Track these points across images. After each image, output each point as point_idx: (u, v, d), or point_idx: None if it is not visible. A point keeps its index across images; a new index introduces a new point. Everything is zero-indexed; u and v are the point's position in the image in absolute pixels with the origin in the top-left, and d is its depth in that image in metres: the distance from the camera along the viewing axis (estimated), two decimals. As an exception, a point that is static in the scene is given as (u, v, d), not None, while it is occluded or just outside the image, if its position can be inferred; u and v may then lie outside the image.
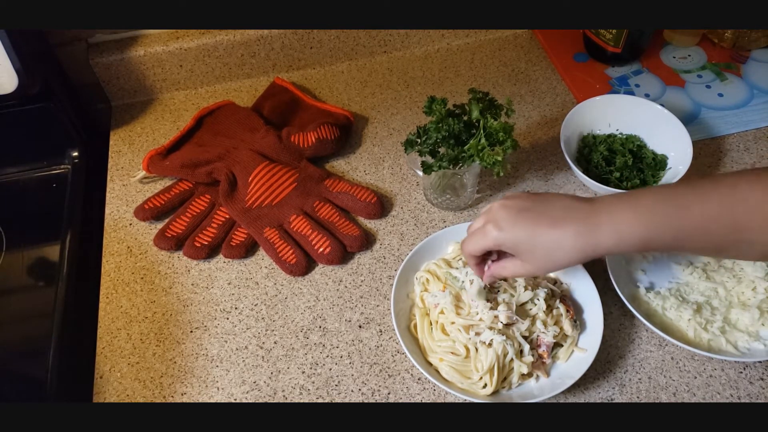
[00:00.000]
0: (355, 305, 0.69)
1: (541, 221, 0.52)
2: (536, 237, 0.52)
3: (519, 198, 0.55)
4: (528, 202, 0.54)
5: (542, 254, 0.53)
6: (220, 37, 0.88)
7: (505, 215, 0.54)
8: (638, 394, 0.62)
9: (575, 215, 0.52)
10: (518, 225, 0.53)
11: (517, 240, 0.53)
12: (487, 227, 0.55)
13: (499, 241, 0.54)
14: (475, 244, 0.56)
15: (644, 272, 0.70)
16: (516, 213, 0.54)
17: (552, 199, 0.54)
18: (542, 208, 0.53)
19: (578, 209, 0.52)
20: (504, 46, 0.98)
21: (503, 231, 0.53)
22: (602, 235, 0.51)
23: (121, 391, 0.64)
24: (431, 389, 0.63)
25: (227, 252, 0.73)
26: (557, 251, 0.52)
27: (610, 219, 0.51)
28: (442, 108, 0.68)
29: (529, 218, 0.53)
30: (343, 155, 0.84)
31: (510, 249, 0.55)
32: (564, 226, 0.52)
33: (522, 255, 0.54)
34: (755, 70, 0.92)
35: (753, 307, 0.64)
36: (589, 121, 0.82)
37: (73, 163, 0.82)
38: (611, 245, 0.51)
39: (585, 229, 0.51)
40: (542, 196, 0.55)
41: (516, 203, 0.54)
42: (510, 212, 0.54)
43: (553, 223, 0.52)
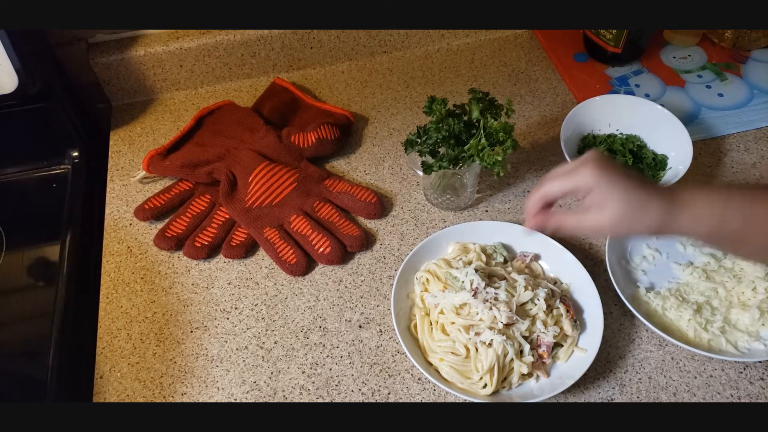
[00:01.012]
0: (355, 305, 0.69)
1: (632, 180, 0.54)
2: (629, 192, 0.53)
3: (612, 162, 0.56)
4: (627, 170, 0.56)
5: (630, 209, 0.53)
6: (220, 37, 0.88)
7: (604, 164, 0.54)
8: (638, 394, 0.62)
9: (661, 190, 0.54)
10: (617, 175, 0.54)
11: (611, 188, 0.53)
12: (585, 168, 0.54)
13: (595, 180, 0.54)
14: (560, 184, 0.56)
15: (644, 272, 0.70)
16: (611, 164, 0.55)
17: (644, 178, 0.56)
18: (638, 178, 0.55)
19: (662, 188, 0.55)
20: (504, 46, 0.98)
21: (602, 171, 0.53)
22: (680, 214, 0.53)
23: (121, 391, 0.64)
24: (431, 389, 0.63)
25: (227, 252, 0.73)
26: (643, 211, 0.53)
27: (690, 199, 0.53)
28: (442, 108, 0.68)
29: (624, 175, 0.54)
30: (343, 155, 0.84)
31: (599, 195, 0.54)
32: (652, 192, 0.54)
33: (607, 205, 0.54)
34: (755, 70, 0.92)
35: (753, 307, 0.64)
36: (589, 121, 0.82)
37: (73, 163, 0.82)
38: (685, 226, 0.53)
39: (669, 202, 0.53)
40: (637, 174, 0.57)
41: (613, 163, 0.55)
42: (608, 162, 0.55)
43: (645, 187, 0.54)
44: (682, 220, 0.53)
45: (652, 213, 0.53)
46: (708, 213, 0.53)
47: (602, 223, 0.54)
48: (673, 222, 0.53)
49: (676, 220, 0.53)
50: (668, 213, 0.53)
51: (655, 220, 0.53)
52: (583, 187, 0.55)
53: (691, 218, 0.53)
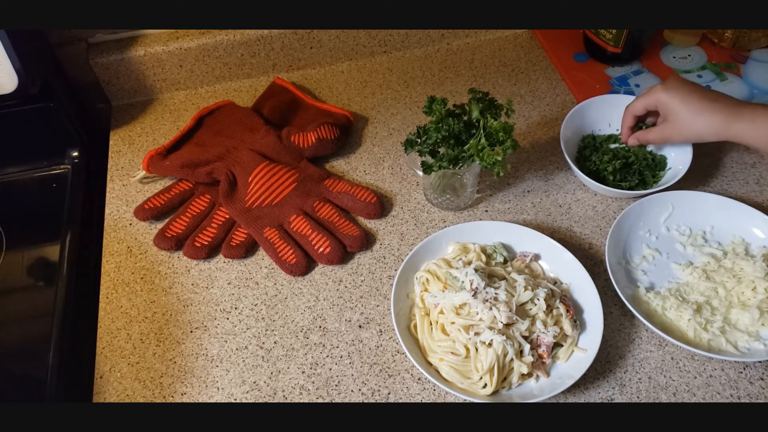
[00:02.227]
0: (355, 305, 0.69)
1: (700, 95, 0.67)
2: (690, 103, 0.66)
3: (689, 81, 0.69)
4: (696, 84, 0.68)
5: (687, 118, 0.67)
6: (220, 37, 0.88)
7: (676, 83, 0.68)
8: (638, 394, 0.62)
9: (727, 102, 0.66)
10: (681, 91, 0.67)
11: (674, 100, 0.67)
12: (655, 87, 0.69)
13: (660, 98, 0.68)
14: (639, 102, 0.71)
15: (644, 272, 0.70)
16: (684, 84, 0.68)
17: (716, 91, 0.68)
18: (706, 90, 0.68)
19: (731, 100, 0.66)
20: (504, 46, 0.98)
21: (667, 91, 0.68)
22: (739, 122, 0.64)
23: (121, 391, 0.64)
24: (431, 389, 0.63)
25: (227, 252, 0.73)
26: (700, 119, 0.66)
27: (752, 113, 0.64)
28: (442, 108, 0.68)
29: (692, 90, 0.67)
30: (343, 155, 0.84)
31: (664, 107, 0.69)
32: (715, 103, 0.66)
33: (671, 116, 0.68)
34: (755, 70, 0.92)
35: (753, 307, 0.64)
36: (589, 121, 0.82)
37: (73, 163, 0.82)
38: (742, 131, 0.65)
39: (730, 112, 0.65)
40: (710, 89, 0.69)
41: (687, 81, 0.69)
42: (680, 82, 0.68)
43: (708, 99, 0.66)
44: (739, 126, 0.64)
45: (710, 122, 0.65)
46: (764, 126, 0.63)
47: (671, 131, 0.69)
48: (730, 128, 0.65)
49: (733, 126, 0.64)
50: (726, 120, 0.65)
51: (714, 126, 0.65)
52: (654, 102, 0.69)
53: (753, 127, 0.64)
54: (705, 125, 0.66)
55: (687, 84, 0.68)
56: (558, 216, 0.76)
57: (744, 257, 0.69)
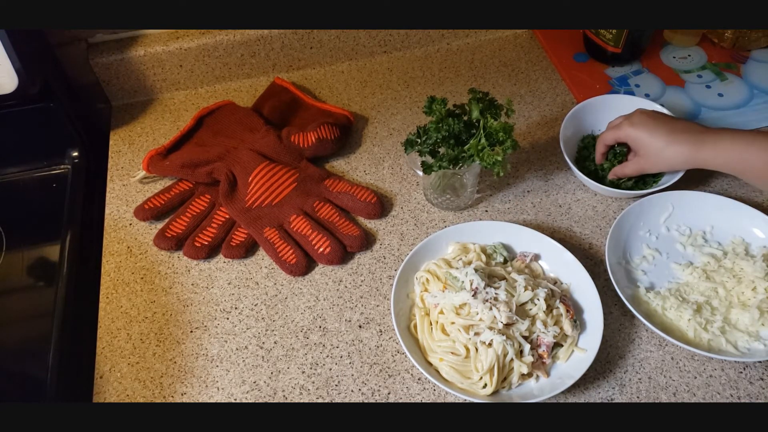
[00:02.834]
0: (355, 305, 0.69)
1: (665, 128, 0.69)
2: (656, 137, 0.69)
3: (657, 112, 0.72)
4: (662, 116, 0.72)
5: (656, 152, 0.69)
6: (220, 37, 0.88)
7: (642, 119, 0.71)
8: (638, 394, 0.62)
9: (691, 131, 0.69)
10: (647, 126, 0.70)
11: (641, 136, 0.70)
12: (623, 123, 0.72)
13: (628, 133, 0.71)
14: (610, 134, 0.74)
15: (644, 272, 0.70)
16: (650, 119, 0.71)
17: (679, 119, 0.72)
18: (671, 121, 0.71)
19: (695, 129, 0.69)
20: (504, 46, 0.98)
21: (634, 127, 0.71)
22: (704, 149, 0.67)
23: (121, 391, 0.64)
24: (431, 389, 0.63)
25: (227, 252, 0.73)
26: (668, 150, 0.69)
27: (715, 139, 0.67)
28: (442, 108, 0.68)
29: (657, 124, 0.70)
30: (343, 155, 0.84)
31: (634, 142, 0.71)
32: (680, 135, 0.69)
33: (640, 150, 0.71)
34: (755, 70, 0.92)
35: (753, 307, 0.64)
36: (589, 121, 0.82)
37: (73, 163, 0.82)
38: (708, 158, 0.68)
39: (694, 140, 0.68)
40: (673, 117, 0.73)
41: (653, 114, 0.72)
42: (645, 117, 0.71)
43: (673, 131, 0.69)
44: (706, 154, 0.67)
45: (678, 151, 0.68)
46: (730, 151, 0.66)
47: (645, 164, 0.71)
48: (697, 156, 0.68)
49: (699, 154, 0.67)
50: (692, 149, 0.68)
51: (682, 156, 0.68)
52: (623, 137, 0.72)
53: (715, 154, 0.67)
54: (673, 156, 0.69)
55: (652, 117, 0.71)
56: (558, 216, 0.76)
57: (744, 257, 0.69)
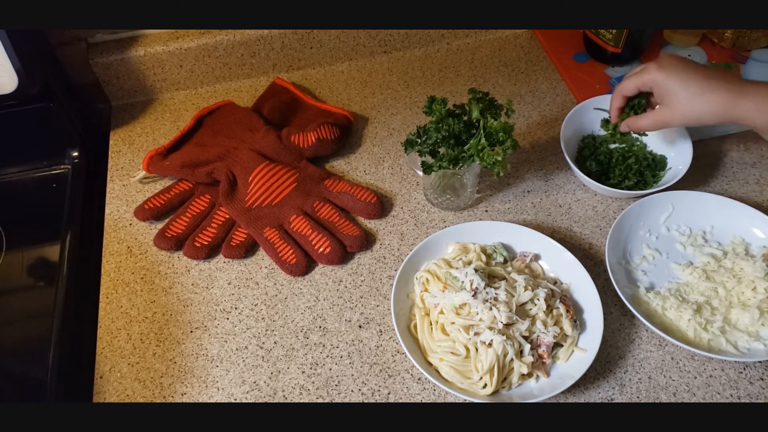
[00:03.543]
0: (355, 305, 0.69)
1: (698, 72, 0.61)
2: (688, 81, 0.60)
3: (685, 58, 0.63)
4: (693, 62, 0.63)
5: (687, 99, 0.60)
6: (220, 37, 0.88)
7: (671, 60, 0.62)
8: (638, 394, 0.62)
9: (730, 78, 0.60)
10: (678, 69, 0.61)
11: (670, 79, 0.61)
12: (649, 66, 0.63)
13: (655, 77, 0.62)
14: (631, 81, 0.64)
15: (644, 272, 0.70)
16: (681, 62, 0.62)
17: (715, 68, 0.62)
18: (704, 67, 0.62)
19: (734, 77, 0.61)
20: (504, 46, 0.98)
21: (662, 70, 0.62)
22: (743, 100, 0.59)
23: (121, 391, 0.64)
24: (431, 389, 0.63)
25: (227, 252, 0.73)
26: (700, 98, 0.60)
27: (756, 91, 0.59)
28: (442, 108, 0.68)
29: (689, 68, 0.61)
30: (343, 155, 0.84)
31: (660, 88, 0.62)
32: (717, 81, 0.60)
33: (667, 97, 0.62)
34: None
35: (753, 307, 0.64)
36: (589, 121, 0.82)
37: (73, 163, 0.82)
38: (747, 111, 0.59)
39: (733, 90, 0.59)
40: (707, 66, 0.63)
41: (683, 58, 0.63)
42: (675, 60, 0.62)
43: (708, 77, 0.60)
44: (744, 107, 0.59)
45: (712, 101, 0.59)
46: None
47: (668, 116, 0.62)
48: (735, 109, 0.59)
49: (738, 107, 0.59)
50: (730, 100, 0.59)
51: (718, 107, 0.59)
52: (648, 82, 0.63)
53: (753, 107, 0.58)
54: (707, 107, 0.60)
55: (683, 61, 0.62)
56: (558, 216, 0.76)
57: (744, 257, 0.69)
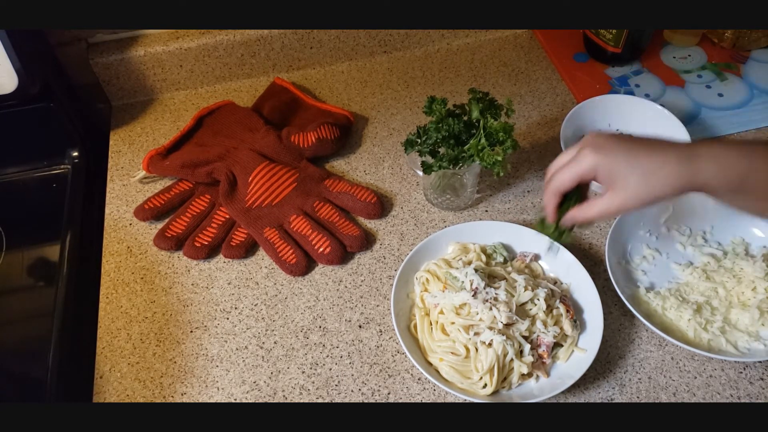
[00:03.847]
0: (355, 305, 0.69)
1: (641, 146, 0.51)
2: (636, 159, 0.50)
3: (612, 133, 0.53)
4: (623, 135, 0.53)
5: (639, 180, 0.50)
6: (220, 37, 0.88)
7: (604, 140, 0.53)
8: (638, 394, 0.62)
9: (675, 145, 0.51)
10: (618, 148, 0.51)
11: (615, 162, 0.51)
12: (582, 152, 0.53)
13: (596, 163, 0.52)
14: (566, 174, 0.54)
15: (644, 272, 0.70)
16: (614, 139, 0.53)
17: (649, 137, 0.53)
18: (640, 138, 0.53)
19: (675, 142, 0.52)
20: (504, 46, 0.98)
21: (601, 152, 0.51)
22: (703, 164, 0.49)
23: (121, 391, 0.64)
24: (431, 389, 0.63)
25: (227, 252, 0.73)
26: (656, 176, 0.50)
27: (711, 151, 0.50)
28: (442, 108, 0.68)
29: (628, 143, 0.52)
30: (343, 155, 0.84)
31: (605, 174, 0.52)
32: (665, 152, 0.50)
33: (616, 182, 0.51)
34: (755, 70, 0.92)
35: (753, 307, 0.64)
36: (589, 121, 0.82)
37: (73, 163, 0.82)
38: (710, 176, 0.49)
39: (687, 156, 0.50)
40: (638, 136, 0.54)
41: (611, 133, 0.53)
42: (608, 138, 0.53)
43: (654, 148, 0.51)
44: (705, 172, 0.49)
45: (669, 175, 0.50)
46: (732, 162, 0.49)
47: (621, 202, 0.52)
48: (696, 177, 0.50)
49: (699, 175, 0.49)
50: (688, 169, 0.50)
51: (676, 181, 0.50)
52: (588, 172, 0.53)
53: (715, 170, 0.49)
54: (665, 184, 0.50)
55: (616, 138, 0.53)
56: (558, 216, 0.76)
57: (744, 257, 0.69)
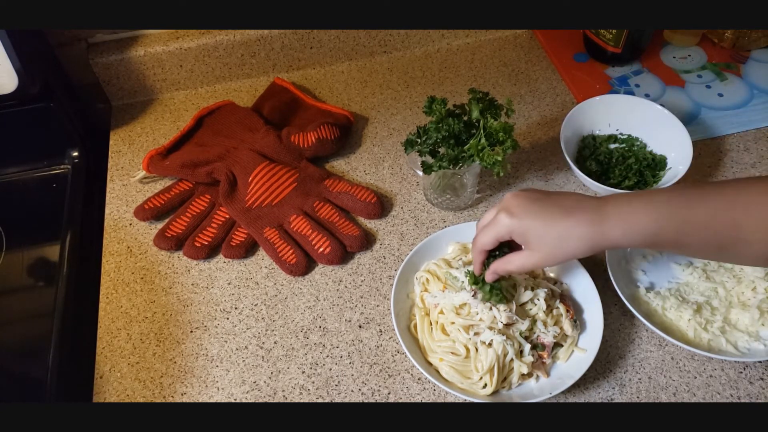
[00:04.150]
0: (355, 305, 0.69)
1: (553, 210, 0.54)
2: (548, 225, 0.54)
3: (530, 191, 0.57)
4: (540, 194, 0.56)
5: (553, 243, 0.54)
6: (220, 37, 0.88)
7: (518, 203, 0.55)
8: (638, 394, 0.62)
9: (586, 206, 0.54)
10: (531, 212, 0.54)
11: (529, 227, 0.54)
12: (499, 216, 0.56)
13: (511, 227, 0.55)
14: (487, 235, 0.57)
15: (644, 272, 0.70)
16: (529, 202, 0.55)
17: (563, 193, 0.57)
18: (554, 199, 0.55)
19: (589, 202, 0.54)
20: (504, 46, 0.98)
21: (516, 217, 0.55)
22: (610, 226, 0.52)
23: (121, 391, 0.64)
24: (431, 389, 0.63)
25: (227, 252, 0.73)
26: (568, 240, 0.53)
27: (618, 211, 0.52)
28: (442, 108, 0.68)
29: (541, 207, 0.55)
30: (343, 155, 0.84)
31: (520, 237, 0.55)
32: (576, 216, 0.53)
33: (532, 243, 0.55)
34: (755, 70, 0.92)
35: (753, 308, 0.64)
36: (589, 121, 0.82)
37: (73, 163, 0.82)
38: (619, 236, 0.52)
39: (596, 219, 0.52)
40: (553, 192, 0.57)
41: (528, 194, 0.56)
42: (523, 201, 0.55)
43: (565, 212, 0.54)
44: (614, 233, 0.52)
45: (577, 234, 0.53)
46: (639, 223, 0.51)
47: (537, 261, 0.56)
48: (605, 238, 0.52)
49: (608, 236, 0.52)
50: (597, 232, 0.52)
51: (587, 243, 0.53)
52: (504, 235, 0.56)
53: (623, 230, 0.52)
54: (577, 246, 0.53)
55: (530, 199, 0.55)
56: (558, 216, 0.76)
57: (744, 257, 0.69)
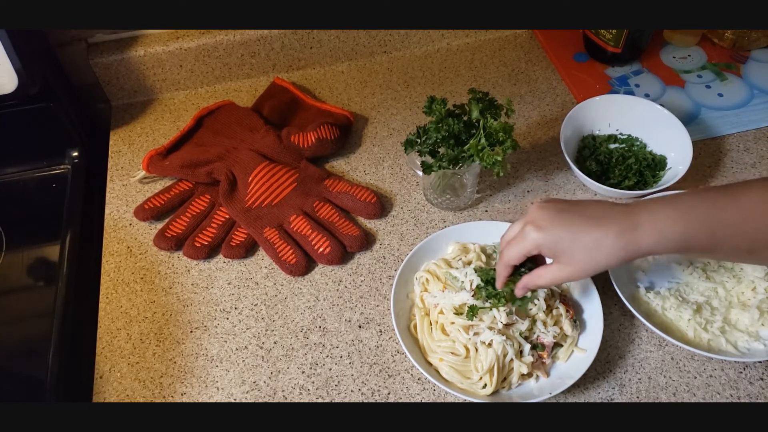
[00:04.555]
0: (355, 305, 0.69)
1: (581, 221, 0.52)
2: (577, 236, 0.51)
3: (555, 201, 0.55)
4: (565, 204, 0.54)
5: (583, 255, 0.52)
6: (220, 37, 0.88)
7: (544, 215, 0.53)
8: (638, 394, 0.62)
9: (615, 215, 0.52)
10: (558, 224, 0.52)
11: (557, 240, 0.52)
12: (526, 229, 0.54)
13: (539, 242, 0.53)
14: (514, 250, 0.55)
15: (644, 272, 0.70)
16: (555, 213, 0.53)
17: (588, 202, 0.55)
18: (580, 209, 0.53)
19: (617, 210, 0.52)
20: (504, 46, 0.98)
21: (543, 231, 0.53)
22: (643, 234, 0.50)
23: (121, 391, 0.64)
24: (431, 389, 0.63)
25: (227, 252, 0.73)
26: (599, 251, 0.51)
27: (651, 218, 0.51)
28: (442, 108, 0.68)
29: (569, 218, 0.52)
30: (343, 155, 0.84)
31: (549, 250, 0.53)
32: (606, 225, 0.51)
33: (561, 257, 0.53)
34: (755, 70, 0.92)
35: (753, 308, 0.64)
36: (589, 121, 0.82)
37: (73, 163, 0.82)
38: (652, 244, 0.50)
39: (626, 227, 0.50)
40: (577, 201, 0.55)
41: (553, 205, 0.54)
42: (549, 213, 0.53)
43: (594, 222, 0.52)
44: (646, 241, 0.50)
45: (609, 245, 0.51)
46: (672, 229, 0.50)
47: (568, 274, 0.54)
48: (638, 247, 0.51)
49: (641, 245, 0.50)
50: (629, 241, 0.50)
51: (617, 249, 0.51)
52: (533, 249, 0.54)
53: (656, 238, 0.50)
54: (609, 256, 0.51)
55: (558, 209, 0.54)
56: (558, 216, 0.76)
57: (744, 257, 0.69)
